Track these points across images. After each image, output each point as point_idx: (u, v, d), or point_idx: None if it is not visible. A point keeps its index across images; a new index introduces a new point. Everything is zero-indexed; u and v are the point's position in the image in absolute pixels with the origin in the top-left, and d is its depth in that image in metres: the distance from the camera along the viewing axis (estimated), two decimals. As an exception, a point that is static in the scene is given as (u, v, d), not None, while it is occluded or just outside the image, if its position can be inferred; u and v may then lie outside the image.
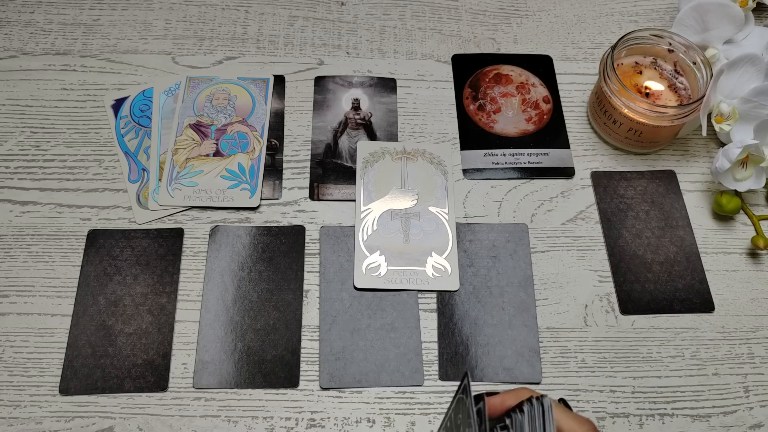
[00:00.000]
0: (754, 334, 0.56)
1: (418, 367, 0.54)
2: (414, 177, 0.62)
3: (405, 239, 0.59)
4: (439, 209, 0.61)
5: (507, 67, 0.70)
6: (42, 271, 0.57)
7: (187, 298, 0.56)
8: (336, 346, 0.54)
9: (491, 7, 0.74)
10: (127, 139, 0.64)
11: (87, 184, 0.61)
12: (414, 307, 0.56)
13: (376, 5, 0.74)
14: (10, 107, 0.65)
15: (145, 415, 0.52)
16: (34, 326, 0.55)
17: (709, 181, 0.64)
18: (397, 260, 0.58)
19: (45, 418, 0.51)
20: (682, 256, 0.59)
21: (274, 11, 0.73)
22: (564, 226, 0.61)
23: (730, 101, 0.60)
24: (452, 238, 0.59)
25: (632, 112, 0.60)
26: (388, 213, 0.60)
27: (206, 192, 0.61)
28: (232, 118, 0.65)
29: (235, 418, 0.52)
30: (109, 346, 0.54)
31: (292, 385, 0.53)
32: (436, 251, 0.58)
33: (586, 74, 0.70)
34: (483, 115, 0.67)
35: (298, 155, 0.64)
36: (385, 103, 0.67)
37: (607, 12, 0.74)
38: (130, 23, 0.71)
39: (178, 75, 0.67)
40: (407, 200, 0.61)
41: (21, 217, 0.60)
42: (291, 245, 0.59)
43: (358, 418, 0.52)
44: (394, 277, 0.57)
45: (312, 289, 0.57)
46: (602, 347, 0.56)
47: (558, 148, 0.65)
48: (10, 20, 0.71)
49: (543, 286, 0.58)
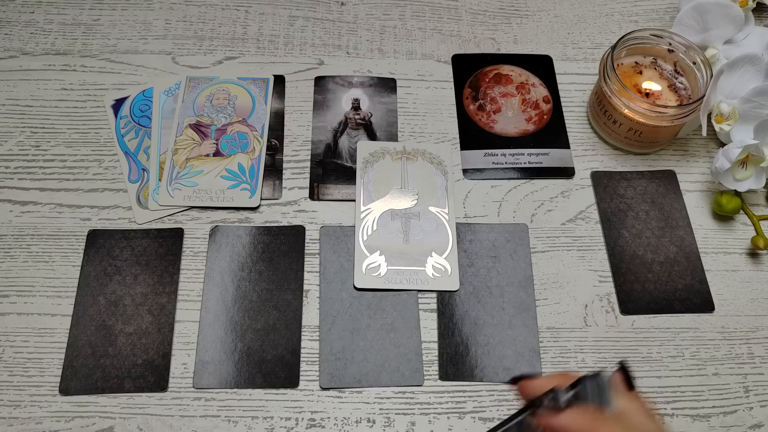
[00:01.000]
0: (754, 334, 0.56)
1: (418, 367, 0.54)
2: (414, 177, 0.62)
3: (405, 239, 0.59)
4: (439, 209, 0.61)
5: (507, 67, 0.70)
6: (42, 271, 0.57)
7: (187, 298, 0.56)
8: (336, 346, 0.54)
9: (491, 7, 0.74)
10: (127, 139, 0.64)
11: (87, 184, 0.61)
12: (414, 307, 0.56)
13: (376, 5, 0.74)
14: (10, 107, 0.65)
15: (145, 415, 0.52)
16: (34, 326, 0.55)
17: (709, 181, 0.64)
18: (397, 260, 0.58)
19: (45, 418, 0.51)
20: (682, 256, 0.59)
21: (274, 11, 0.73)
22: (564, 226, 0.61)
23: (730, 101, 0.60)
24: (452, 238, 0.59)
25: (632, 112, 0.60)
26: (388, 213, 0.60)
27: (206, 192, 0.61)
28: (232, 118, 0.65)
29: (235, 418, 0.52)
30: (109, 346, 0.54)
31: (292, 385, 0.53)
32: (436, 251, 0.58)
33: (586, 74, 0.70)
34: (483, 115, 0.67)
35: (298, 155, 0.64)
36: (385, 103, 0.67)
37: (607, 12, 0.74)
38: (130, 23, 0.71)
39: (178, 75, 0.67)
40: (407, 200, 0.61)
41: (21, 217, 0.60)
42: (291, 245, 0.59)
43: (358, 418, 0.52)
44: (394, 277, 0.57)
45: (312, 289, 0.57)
46: (602, 347, 0.56)
47: (558, 148, 0.65)
48: (10, 20, 0.71)
49: (543, 286, 0.58)
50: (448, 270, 0.58)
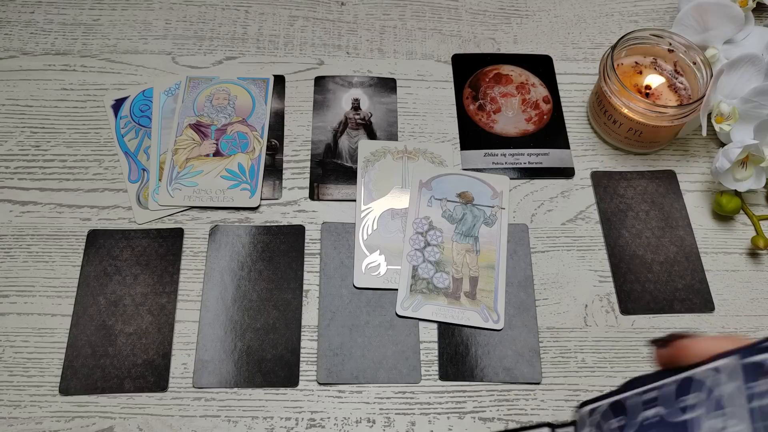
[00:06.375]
0: (754, 334, 0.56)
1: (415, 365, 0.54)
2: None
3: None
4: (439, 209, 0.61)
5: (507, 67, 0.70)
6: (42, 271, 0.57)
7: (187, 298, 0.56)
8: (334, 342, 0.54)
9: (491, 7, 0.74)
10: (127, 139, 0.64)
11: (87, 184, 0.62)
12: (414, 307, 0.56)
13: (376, 5, 0.74)
14: (10, 107, 0.65)
15: (145, 415, 0.52)
16: (34, 326, 0.55)
17: (709, 181, 0.64)
18: (397, 260, 0.58)
19: (45, 418, 0.51)
20: (682, 256, 0.59)
21: (274, 11, 0.73)
22: (564, 226, 0.61)
23: (730, 101, 0.60)
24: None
25: (632, 112, 0.60)
26: (389, 212, 0.60)
27: (206, 192, 0.61)
28: (232, 118, 0.65)
29: (235, 418, 0.52)
30: (109, 346, 0.54)
31: (291, 384, 0.53)
32: (436, 251, 0.58)
33: (586, 74, 0.70)
34: (483, 115, 0.67)
35: (298, 155, 0.64)
36: (385, 103, 0.67)
37: (607, 12, 0.74)
38: (130, 23, 0.71)
39: (178, 75, 0.67)
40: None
41: (21, 217, 0.60)
42: (291, 245, 0.59)
43: (358, 418, 0.52)
44: (394, 277, 0.57)
45: (312, 289, 0.57)
46: (602, 347, 0.56)
47: (558, 148, 0.65)
48: (10, 20, 0.71)
49: (543, 286, 0.58)
50: (448, 270, 0.58)
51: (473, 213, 0.60)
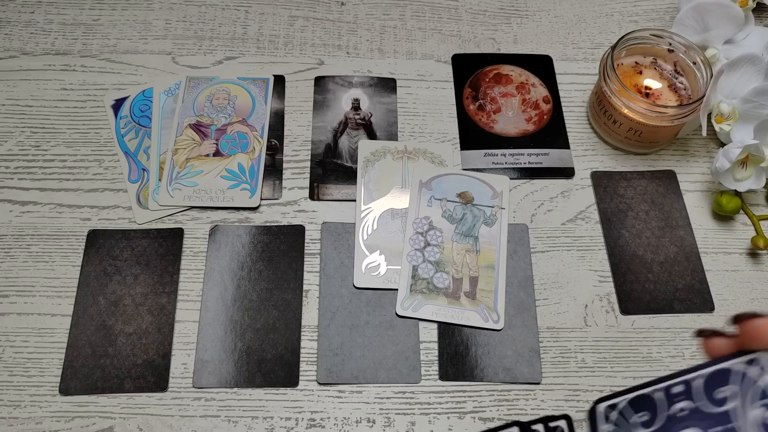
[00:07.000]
0: (754, 334, 0.56)
1: (415, 365, 0.54)
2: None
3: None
4: (439, 209, 0.61)
5: (507, 67, 0.70)
6: (42, 271, 0.57)
7: (187, 298, 0.56)
8: (334, 342, 0.54)
9: (491, 7, 0.74)
10: (127, 139, 0.64)
11: (87, 184, 0.62)
12: (414, 307, 0.56)
13: (376, 5, 0.74)
14: (10, 107, 0.65)
15: (145, 415, 0.52)
16: (34, 326, 0.55)
17: (709, 181, 0.64)
18: (397, 260, 0.58)
19: (45, 418, 0.51)
20: (682, 256, 0.59)
21: (274, 11, 0.73)
22: (564, 226, 0.61)
23: (730, 101, 0.60)
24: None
25: (632, 112, 0.60)
26: (389, 212, 0.60)
27: (206, 192, 0.61)
28: (232, 118, 0.65)
29: (235, 418, 0.52)
30: (109, 346, 0.54)
31: (291, 384, 0.53)
32: (436, 251, 0.58)
33: (586, 74, 0.70)
34: (483, 115, 0.67)
35: (298, 155, 0.64)
36: (385, 103, 0.67)
37: (607, 12, 0.74)
38: (130, 23, 0.71)
39: (178, 75, 0.67)
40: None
41: (21, 217, 0.60)
42: (291, 245, 0.59)
43: (358, 418, 0.52)
44: (394, 277, 0.57)
45: (312, 289, 0.57)
46: (602, 347, 0.56)
47: (558, 148, 0.65)
48: (10, 20, 0.71)
49: (543, 286, 0.58)
50: (448, 270, 0.58)
51: (473, 213, 0.60)
